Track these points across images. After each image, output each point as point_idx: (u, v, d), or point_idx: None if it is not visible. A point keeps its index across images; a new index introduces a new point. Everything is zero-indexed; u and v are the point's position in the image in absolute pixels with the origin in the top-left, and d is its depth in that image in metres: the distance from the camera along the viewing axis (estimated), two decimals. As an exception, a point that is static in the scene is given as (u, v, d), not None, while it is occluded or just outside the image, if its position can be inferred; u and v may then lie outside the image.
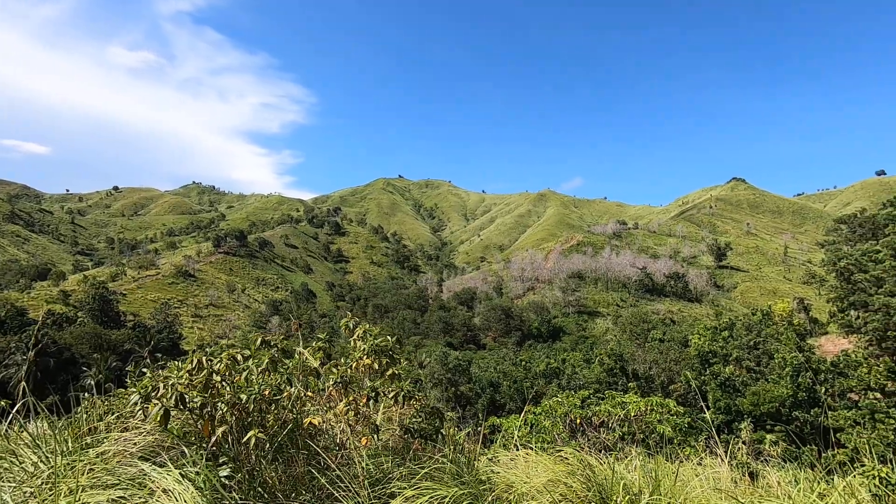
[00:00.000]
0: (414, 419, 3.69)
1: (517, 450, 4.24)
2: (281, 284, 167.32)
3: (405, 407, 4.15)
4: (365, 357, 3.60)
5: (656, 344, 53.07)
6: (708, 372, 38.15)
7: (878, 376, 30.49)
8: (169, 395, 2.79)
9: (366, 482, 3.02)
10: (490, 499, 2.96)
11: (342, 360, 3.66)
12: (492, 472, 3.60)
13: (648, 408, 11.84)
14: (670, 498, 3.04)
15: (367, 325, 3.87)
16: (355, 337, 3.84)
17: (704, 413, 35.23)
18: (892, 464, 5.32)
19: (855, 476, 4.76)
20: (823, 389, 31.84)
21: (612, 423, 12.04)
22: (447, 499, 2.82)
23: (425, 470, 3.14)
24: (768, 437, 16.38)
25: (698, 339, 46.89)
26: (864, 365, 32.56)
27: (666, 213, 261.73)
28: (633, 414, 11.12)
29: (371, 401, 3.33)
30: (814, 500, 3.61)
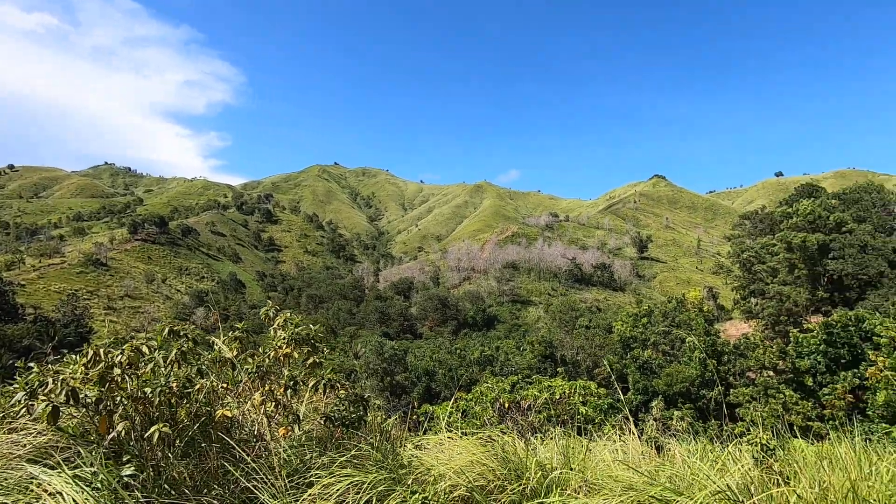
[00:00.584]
0: (336, 408, 3.64)
1: (447, 434, 4.33)
2: (207, 274, 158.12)
3: (329, 396, 4.09)
4: (285, 346, 3.49)
5: (583, 331, 55.91)
6: (629, 356, 40.79)
7: (772, 356, 34.09)
8: (58, 391, 2.56)
9: (283, 473, 2.95)
10: (409, 482, 3.00)
11: (259, 350, 3.53)
12: (415, 457, 3.65)
13: (572, 391, 12.54)
14: (581, 471, 3.23)
15: (288, 314, 3.76)
16: (275, 325, 3.72)
17: (623, 394, 37.68)
18: (773, 432, 5.98)
19: (739, 444, 5.31)
20: (726, 370, 35.11)
21: (539, 406, 12.61)
22: (366, 484, 2.83)
23: (344, 457, 3.13)
24: (676, 413, 17.85)
25: (621, 326, 49.92)
26: (761, 347, 36.29)
27: (595, 207, 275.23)
28: (557, 397, 11.71)
29: (289, 391, 3.25)
30: (705, 466, 4.00)
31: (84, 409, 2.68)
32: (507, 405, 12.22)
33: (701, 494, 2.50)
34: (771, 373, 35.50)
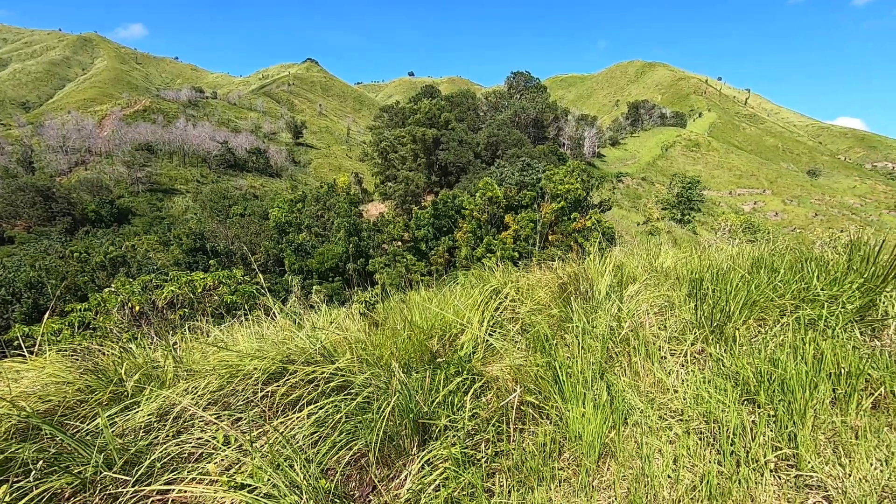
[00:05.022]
0: None
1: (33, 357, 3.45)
2: None
3: None
4: None
5: (237, 219, 53.78)
6: (284, 240, 42.17)
7: (399, 230, 41.86)
8: None
9: None
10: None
11: None
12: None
13: (217, 281, 12.15)
14: (190, 363, 3.20)
15: None
16: None
17: (281, 277, 39.32)
18: (382, 290, 7.46)
19: (354, 303, 6.42)
20: (366, 244, 41.08)
21: (182, 303, 11.76)
22: None
23: None
24: (315, 287, 20.12)
25: (277, 212, 50.47)
26: (392, 223, 43.93)
27: (247, 86, 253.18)
28: (200, 290, 11.14)
29: None
30: (325, 324, 4.67)
31: None
32: (138, 308, 10.88)
33: (275, 351, 2.89)
34: (398, 243, 43.78)
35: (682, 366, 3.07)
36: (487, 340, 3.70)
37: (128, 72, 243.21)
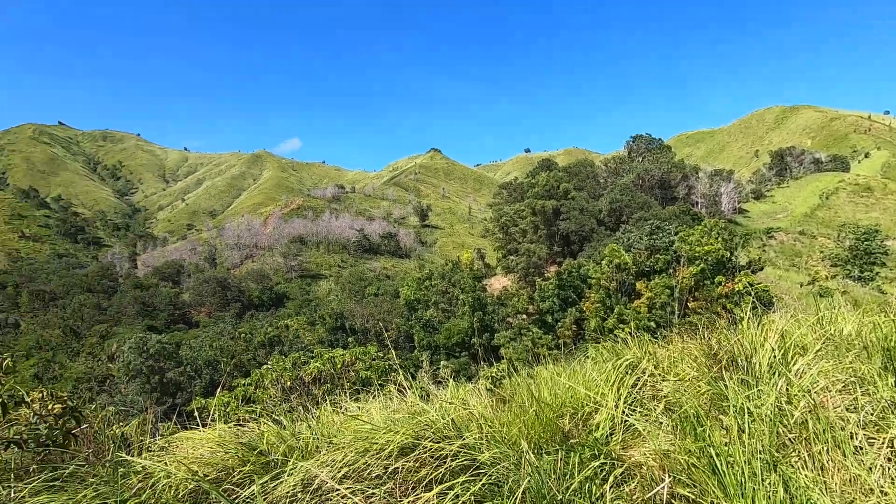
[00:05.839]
0: (31, 428, 3.00)
1: (205, 427, 3.99)
2: None
3: (26, 414, 3.33)
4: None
5: (372, 299, 57.99)
6: (414, 317, 44.11)
7: (523, 302, 41.35)
8: None
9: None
10: (134, 489, 2.70)
11: None
12: (153, 460, 3.28)
13: (354, 358, 12.99)
14: (329, 435, 3.38)
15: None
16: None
17: (411, 352, 40.65)
18: (508, 365, 7.30)
19: (480, 378, 6.33)
20: (490, 318, 41.12)
21: (324, 378, 12.72)
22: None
23: (35, 484, 2.64)
24: (443, 363, 20.32)
25: (407, 290, 53.51)
26: (516, 295, 43.68)
27: (379, 178, 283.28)
28: (339, 366, 11.98)
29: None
30: (452, 399, 4.65)
31: None
32: (288, 383, 11.97)
33: (407, 425, 2.91)
34: (523, 316, 43.08)
35: (889, 459, 2.43)
36: (626, 421, 3.35)
37: (286, 178, 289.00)
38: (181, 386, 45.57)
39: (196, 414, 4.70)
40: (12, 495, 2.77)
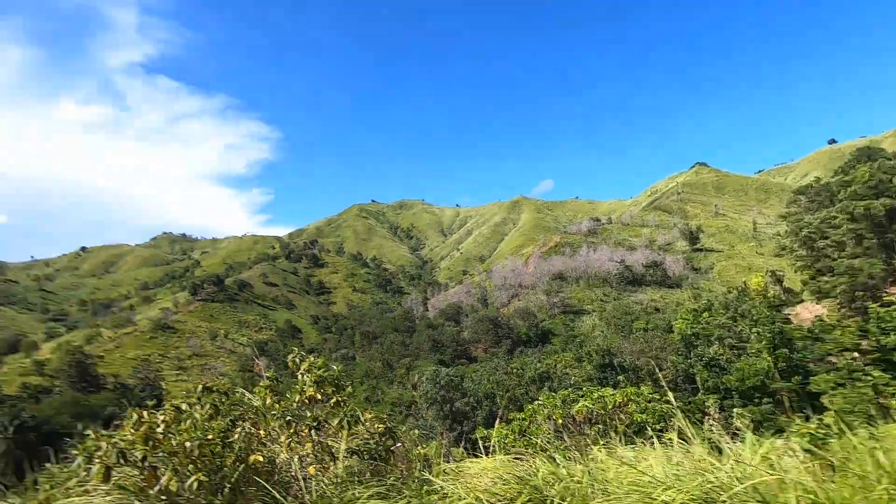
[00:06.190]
0: (365, 442, 3.85)
1: (486, 456, 4.42)
2: (264, 324, 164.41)
3: (362, 431, 4.30)
4: (308, 389, 3.75)
5: (641, 334, 53.87)
6: (693, 354, 38.89)
7: (851, 336, 31.61)
8: (110, 453, 2.90)
9: (316, 508, 3.16)
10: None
11: (287, 395, 3.81)
12: (448, 482, 3.77)
13: (626, 398, 12.16)
14: (604, 481, 3.25)
15: (311, 359, 4.04)
16: (301, 371, 4.00)
17: (693, 395, 35.76)
18: (837, 418, 5.65)
19: (790, 435, 5.08)
20: (801, 357, 32.79)
21: (595, 418, 12.32)
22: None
23: (375, 489, 3.32)
24: (736, 410, 16.84)
25: (681, 324, 47.80)
26: (838, 327, 33.73)
27: (637, 205, 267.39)
28: (610, 406, 11.39)
29: (313, 430, 3.49)
30: (752, 457, 3.87)
31: (132, 467, 3.02)
32: (559, 420, 12.03)
33: (693, 483, 2.51)
34: (854, 354, 32.86)
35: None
36: None
37: (542, 218, 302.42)
38: (466, 415, 50.98)
39: (480, 443, 5.20)
40: (356, 494, 3.60)
